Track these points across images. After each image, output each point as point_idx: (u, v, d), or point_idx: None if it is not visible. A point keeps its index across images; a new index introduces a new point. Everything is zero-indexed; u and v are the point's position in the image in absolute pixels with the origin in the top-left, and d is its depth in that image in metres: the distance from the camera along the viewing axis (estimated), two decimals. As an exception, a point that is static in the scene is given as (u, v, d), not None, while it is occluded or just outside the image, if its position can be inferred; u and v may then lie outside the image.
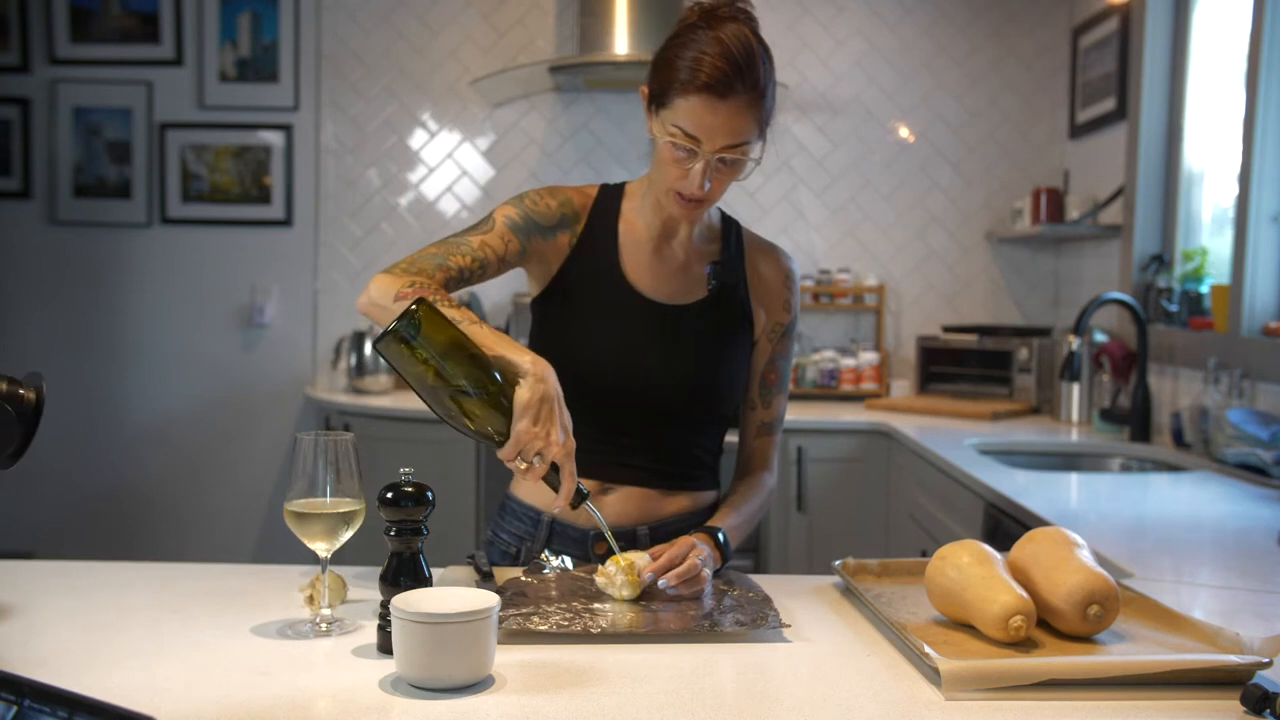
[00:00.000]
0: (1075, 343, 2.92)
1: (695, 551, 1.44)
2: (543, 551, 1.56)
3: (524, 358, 1.36)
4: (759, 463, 1.73)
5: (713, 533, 1.54)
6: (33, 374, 1.09)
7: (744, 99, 1.47)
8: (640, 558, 1.42)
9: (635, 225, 1.66)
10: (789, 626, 1.29)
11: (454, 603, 1.11)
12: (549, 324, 1.65)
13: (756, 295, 1.70)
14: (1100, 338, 3.41)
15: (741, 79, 1.47)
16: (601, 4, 3.74)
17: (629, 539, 1.60)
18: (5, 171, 4.07)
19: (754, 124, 1.50)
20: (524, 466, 1.35)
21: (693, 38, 1.49)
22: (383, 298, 1.45)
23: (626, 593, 1.38)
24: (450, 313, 1.38)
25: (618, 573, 1.38)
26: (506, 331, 3.77)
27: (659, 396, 1.62)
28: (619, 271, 1.63)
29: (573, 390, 1.62)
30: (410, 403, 3.64)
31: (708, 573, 1.43)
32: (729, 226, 1.72)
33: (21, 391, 1.08)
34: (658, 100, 1.53)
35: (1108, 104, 3.59)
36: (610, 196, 1.69)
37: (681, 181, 1.52)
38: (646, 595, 1.41)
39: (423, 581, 1.21)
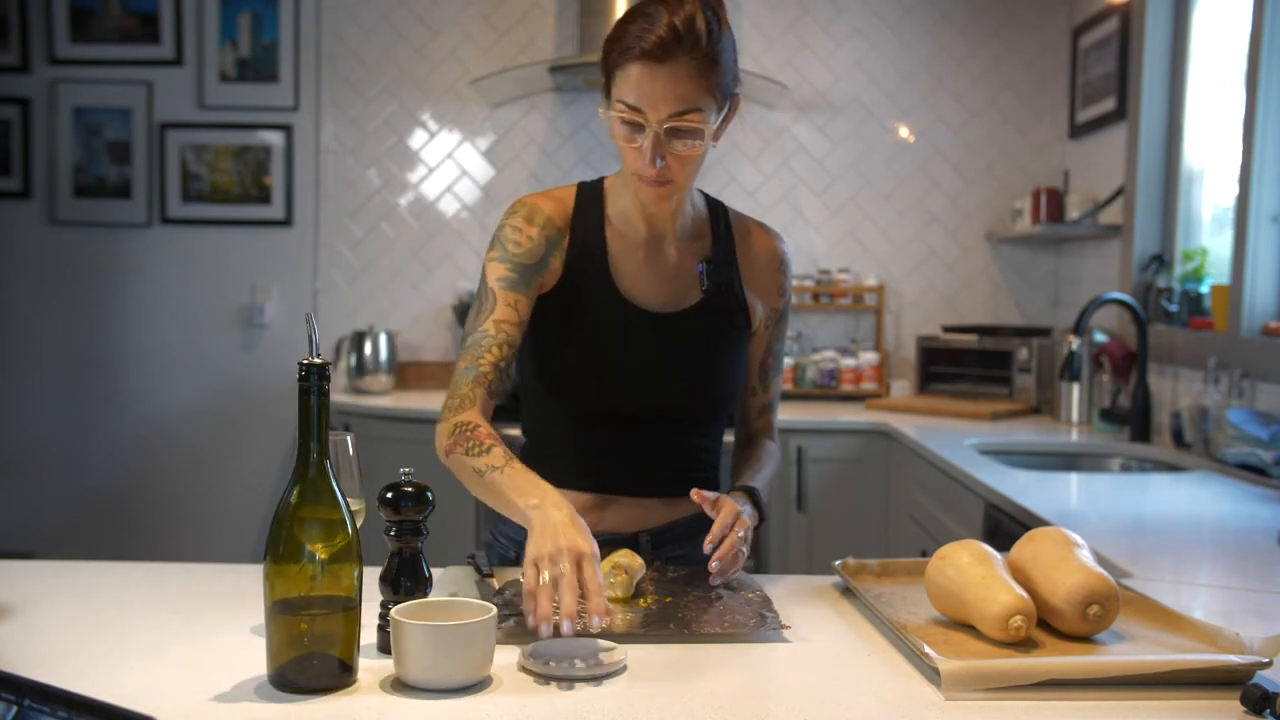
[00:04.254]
0: (1075, 343, 2.92)
1: (741, 524, 1.44)
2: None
3: (527, 504, 1.31)
4: (764, 434, 1.74)
5: (751, 491, 1.54)
6: None
7: (686, 63, 1.42)
8: (631, 558, 1.42)
9: (622, 230, 1.61)
10: (789, 627, 1.29)
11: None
12: (543, 338, 1.61)
13: (751, 285, 1.66)
14: (1100, 338, 3.41)
15: (680, 43, 1.41)
16: (601, 4, 3.74)
17: (630, 545, 1.59)
18: (5, 171, 4.07)
19: (703, 92, 1.43)
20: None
21: (642, 12, 1.45)
22: (441, 454, 1.47)
23: (620, 592, 1.38)
24: (479, 463, 1.40)
25: (607, 575, 1.38)
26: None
27: (660, 406, 1.61)
28: (611, 284, 1.59)
29: (572, 404, 1.61)
30: (410, 402, 3.65)
31: (745, 551, 1.44)
32: (716, 213, 1.67)
33: None
34: (606, 78, 1.49)
35: (1108, 104, 3.59)
36: (591, 199, 1.62)
37: (637, 162, 1.47)
38: (644, 595, 1.41)
39: (423, 582, 1.21)
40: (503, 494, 1.37)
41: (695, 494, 1.46)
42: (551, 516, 1.28)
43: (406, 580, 1.20)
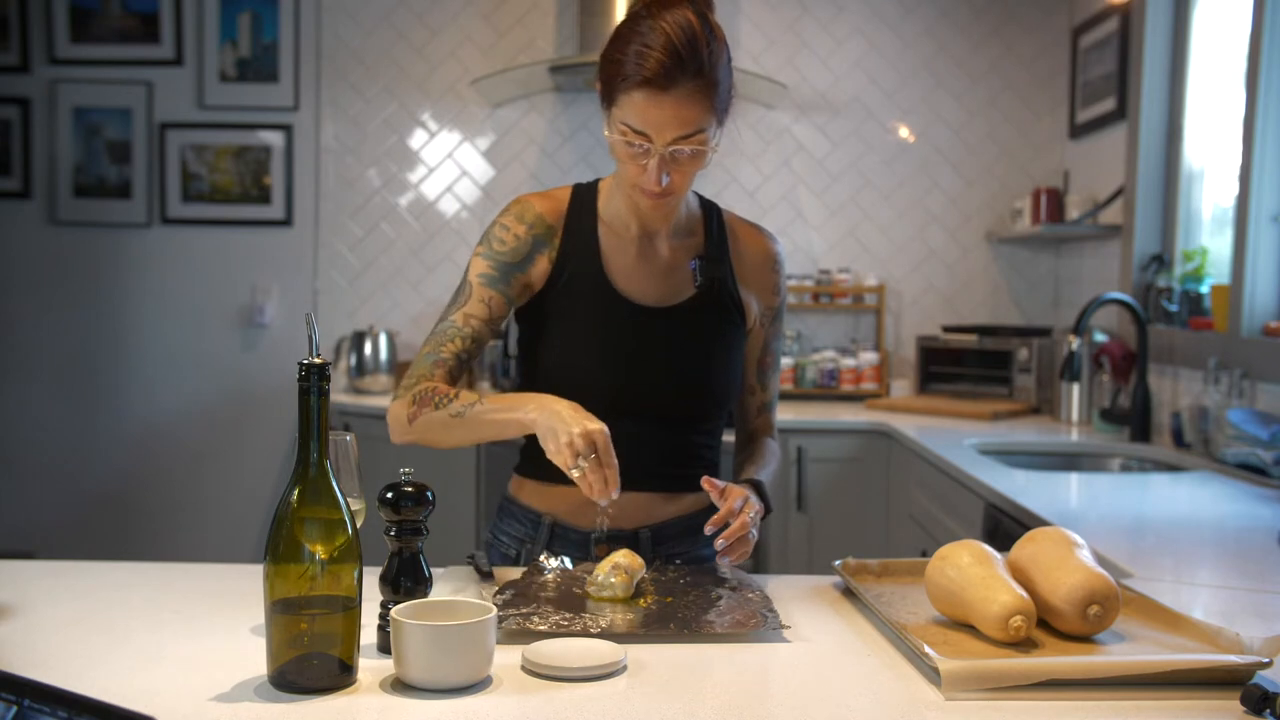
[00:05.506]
0: (1075, 343, 2.92)
1: (749, 507, 1.46)
2: (542, 554, 1.56)
3: (525, 412, 1.44)
4: (763, 432, 1.75)
5: (756, 484, 1.56)
6: None
7: (689, 88, 1.43)
8: (631, 558, 1.42)
9: (615, 228, 1.63)
10: (789, 627, 1.29)
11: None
12: (540, 336, 1.63)
13: (745, 283, 1.68)
14: (1100, 338, 3.41)
15: (683, 68, 1.42)
16: (601, 4, 3.74)
17: (631, 541, 1.60)
18: (5, 171, 4.07)
19: (705, 112, 1.46)
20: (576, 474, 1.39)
21: (636, 29, 1.46)
22: (400, 428, 1.56)
23: (620, 592, 1.38)
24: (453, 407, 1.49)
25: (607, 575, 1.38)
26: (506, 336, 3.77)
27: (657, 402, 1.61)
28: (605, 279, 1.61)
29: (570, 399, 1.62)
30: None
31: (754, 534, 1.45)
32: (709, 213, 1.69)
33: None
34: (606, 98, 1.50)
35: (1108, 104, 3.59)
36: (585, 199, 1.65)
37: (640, 177, 1.50)
38: (644, 595, 1.41)
39: (423, 582, 1.21)
40: (492, 419, 1.46)
41: (705, 481, 1.48)
42: (554, 408, 1.41)
43: (406, 580, 1.20)
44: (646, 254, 1.63)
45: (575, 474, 1.37)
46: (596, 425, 1.38)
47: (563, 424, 1.38)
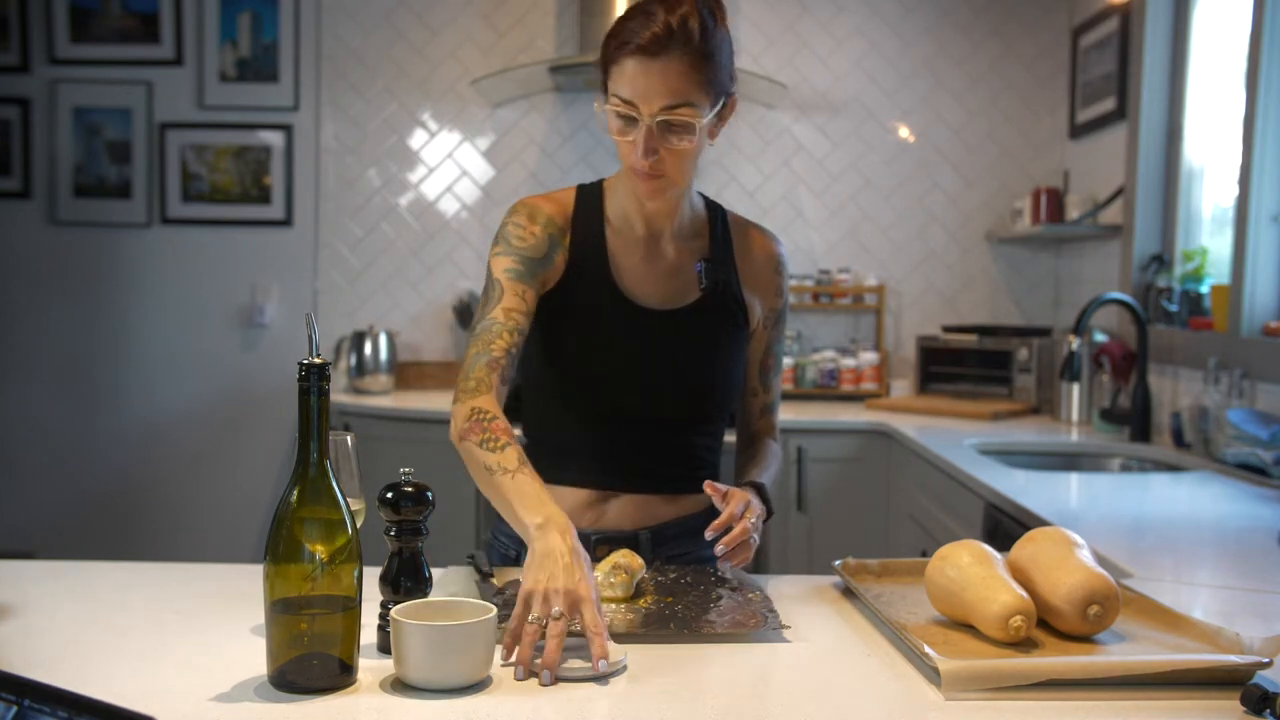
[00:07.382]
0: (1075, 343, 2.92)
1: (750, 512, 1.46)
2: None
3: (531, 526, 1.29)
4: (765, 434, 1.75)
5: (758, 486, 1.56)
6: None
7: (679, 56, 1.44)
8: (631, 558, 1.42)
9: (621, 229, 1.62)
10: (789, 627, 1.29)
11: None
12: (544, 337, 1.62)
13: (749, 285, 1.68)
14: (1100, 338, 3.41)
15: (673, 37, 1.43)
16: (601, 4, 3.74)
17: (630, 543, 1.60)
18: (5, 171, 4.07)
19: (695, 86, 1.45)
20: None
21: (642, 9, 1.48)
22: (455, 435, 1.47)
23: (620, 592, 1.38)
24: (490, 460, 1.39)
25: (607, 575, 1.38)
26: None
27: (659, 403, 1.61)
28: (612, 282, 1.60)
29: (574, 401, 1.62)
30: (410, 402, 3.65)
31: (756, 539, 1.45)
32: (714, 215, 1.69)
33: None
34: (604, 74, 1.51)
35: (1108, 104, 3.59)
36: (590, 200, 1.65)
37: (631, 156, 1.50)
38: (644, 595, 1.41)
39: (423, 582, 1.21)
40: (507, 500, 1.36)
41: (708, 485, 1.48)
42: (553, 544, 1.24)
43: (406, 580, 1.20)
44: (653, 256, 1.63)
45: (529, 625, 1.16)
46: (584, 590, 1.19)
47: (549, 572, 1.20)
